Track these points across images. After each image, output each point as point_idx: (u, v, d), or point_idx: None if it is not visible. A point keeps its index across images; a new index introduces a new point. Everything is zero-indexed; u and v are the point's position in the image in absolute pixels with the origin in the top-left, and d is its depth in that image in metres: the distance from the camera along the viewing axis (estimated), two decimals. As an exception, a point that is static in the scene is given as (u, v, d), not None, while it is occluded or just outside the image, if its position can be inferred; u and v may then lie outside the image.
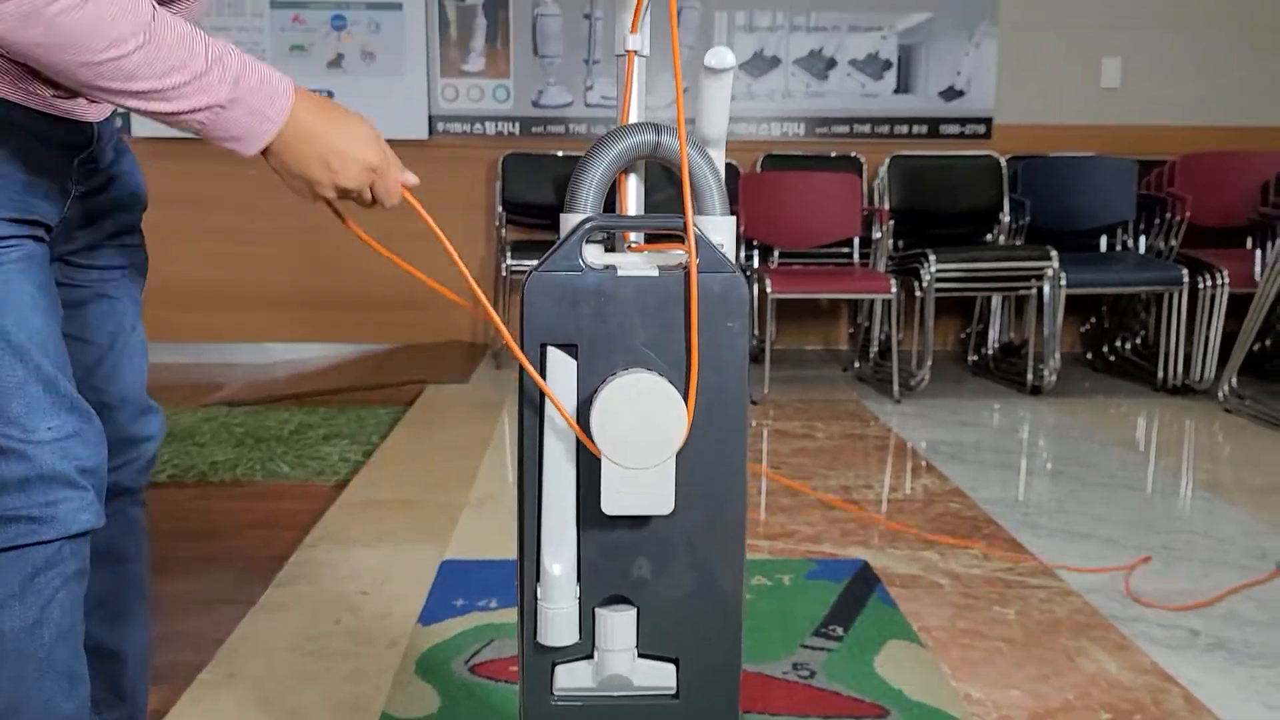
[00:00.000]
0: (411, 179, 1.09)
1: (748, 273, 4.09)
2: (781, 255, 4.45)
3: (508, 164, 4.67)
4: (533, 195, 4.64)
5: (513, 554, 2.25)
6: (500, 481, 2.84)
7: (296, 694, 1.67)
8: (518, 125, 4.72)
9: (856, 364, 4.44)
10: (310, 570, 2.19)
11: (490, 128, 4.72)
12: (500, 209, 4.64)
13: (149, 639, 1.28)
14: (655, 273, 1.00)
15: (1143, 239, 4.34)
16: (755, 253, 4.40)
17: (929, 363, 3.97)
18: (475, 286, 1.04)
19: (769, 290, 3.84)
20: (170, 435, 3.30)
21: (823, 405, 3.78)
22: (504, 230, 4.63)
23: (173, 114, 0.93)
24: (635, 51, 1.10)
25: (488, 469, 2.94)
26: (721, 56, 1.06)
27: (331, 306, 4.80)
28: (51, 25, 0.85)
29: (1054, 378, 3.96)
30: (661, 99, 4.48)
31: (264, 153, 0.99)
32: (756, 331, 4.25)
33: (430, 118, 4.68)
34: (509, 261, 4.38)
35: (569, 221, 1.03)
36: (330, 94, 4.55)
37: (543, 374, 1.00)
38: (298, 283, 4.77)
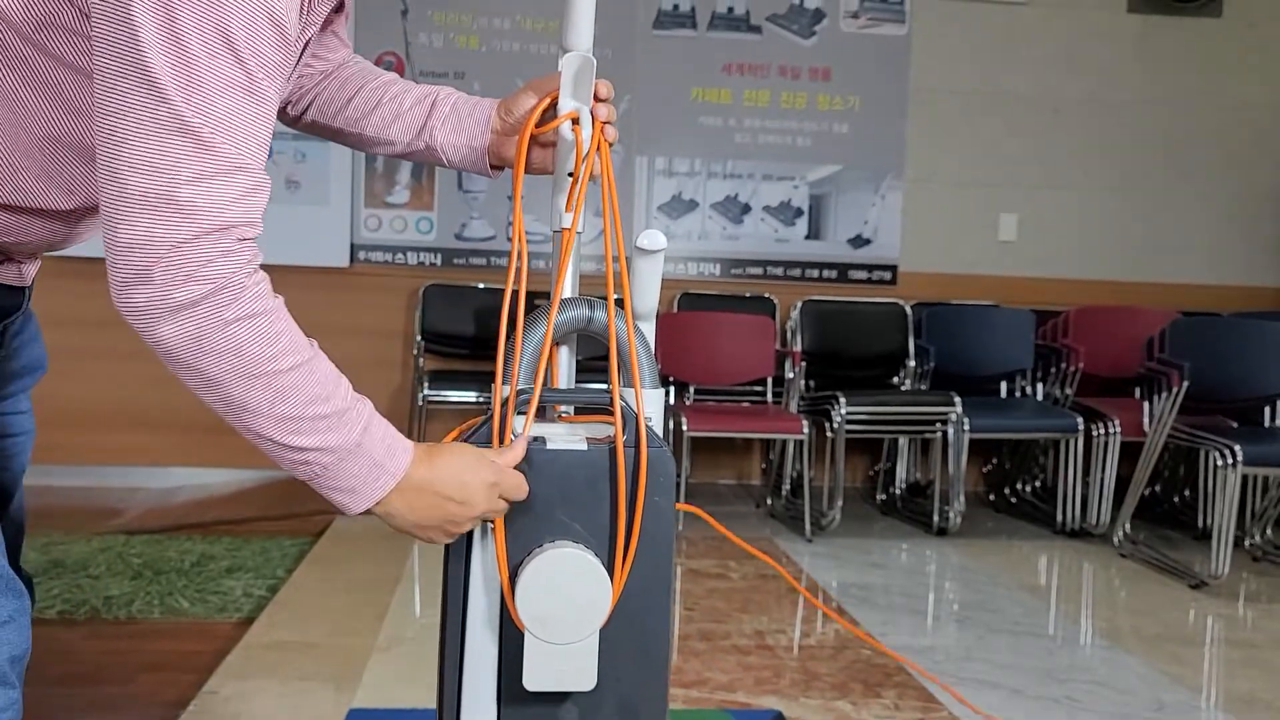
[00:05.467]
0: (519, 448, 1.01)
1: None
2: (697, 391, 4.53)
3: (429, 294, 4.70)
4: (453, 325, 4.67)
5: (421, 702, 2.20)
6: (410, 623, 2.78)
7: None
8: (440, 256, 4.78)
9: (769, 500, 4.49)
10: (207, 720, 2.10)
11: (412, 258, 4.76)
12: (419, 338, 4.65)
13: None
14: (584, 445, 1.03)
15: (1040, 386, 4.53)
16: (671, 389, 4.47)
17: (840, 503, 4.04)
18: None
19: (685, 427, 3.90)
20: (62, 567, 3.16)
21: (736, 544, 3.79)
22: (422, 360, 4.63)
23: (298, 448, 0.91)
24: (570, 229, 1.16)
25: (398, 608, 2.87)
26: (654, 239, 1.11)
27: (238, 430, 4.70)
28: (232, 332, 0.87)
29: (959, 519, 4.06)
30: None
31: (371, 509, 0.96)
32: (671, 467, 4.28)
33: (352, 246, 4.71)
34: (426, 391, 4.37)
35: (500, 391, 1.06)
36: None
37: (469, 543, 1.01)
38: (203, 404, 4.66)
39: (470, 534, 1.01)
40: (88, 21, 0.85)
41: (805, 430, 3.93)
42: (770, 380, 4.44)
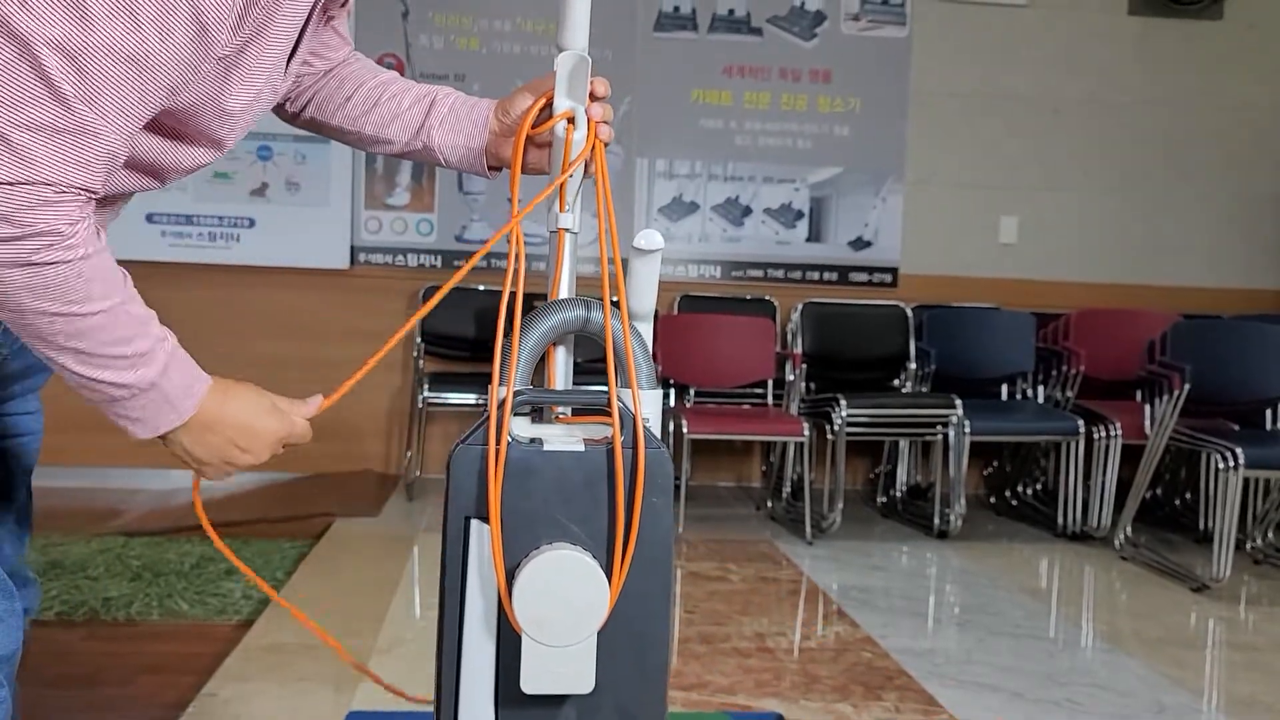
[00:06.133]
0: (313, 406, 1.10)
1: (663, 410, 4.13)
2: (697, 394, 4.52)
3: (429, 296, 4.70)
4: (453, 327, 4.67)
5: (421, 705, 2.19)
6: (410, 625, 2.77)
7: None
8: (440, 258, 4.78)
9: (769, 503, 4.48)
10: (206, 722, 2.10)
11: (412, 260, 4.76)
12: (419, 340, 4.64)
13: None
14: (581, 447, 1.02)
15: (1041, 388, 4.52)
16: (671, 391, 4.47)
17: (840, 505, 4.03)
18: None
19: (685, 430, 3.89)
20: (60, 568, 3.16)
21: (736, 546, 3.79)
22: (422, 361, 4.62)
23: (93, 380, 0.90)
24: (566, 229, 1.15)
25: (397, 610, 2.87)
26: (651, 238, 1.11)
27: (240, 433, 4.69)
28: (37, 273, 0.84)
29: (960, 522, 4.05)
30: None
31: (161, 437, 0.99)
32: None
33: (352, 248, 4.70)
34: (426, 393, 4.37)
35: (497, 393, 1.05)
36: (252, 221, 4.55)
37: (465, 547, 1.01)
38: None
39: (468, 536, 1.00)
40: None
41: (806, 432, 3.92)
42: (771, 382, 4.43)
